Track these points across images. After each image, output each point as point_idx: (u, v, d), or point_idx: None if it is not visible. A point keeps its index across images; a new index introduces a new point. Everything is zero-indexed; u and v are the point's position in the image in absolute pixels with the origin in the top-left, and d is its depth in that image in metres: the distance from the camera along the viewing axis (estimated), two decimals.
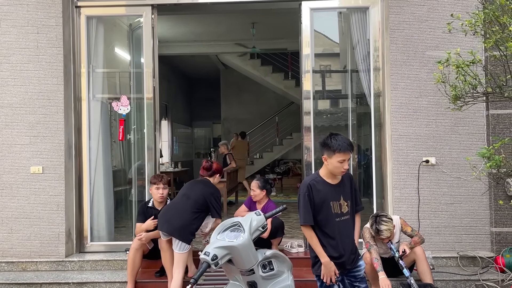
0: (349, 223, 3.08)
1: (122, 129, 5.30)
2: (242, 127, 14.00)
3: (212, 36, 10.50)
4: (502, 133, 4.70)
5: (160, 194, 4.60)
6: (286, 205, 2.94)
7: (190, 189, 4.41)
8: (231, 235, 2.61)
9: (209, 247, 2.54)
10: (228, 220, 2.73)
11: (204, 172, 4.52)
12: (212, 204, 4.28)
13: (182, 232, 4.16)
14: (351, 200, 3.08)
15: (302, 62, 5.24)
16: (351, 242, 3.08)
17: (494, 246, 4.70)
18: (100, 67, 5.57)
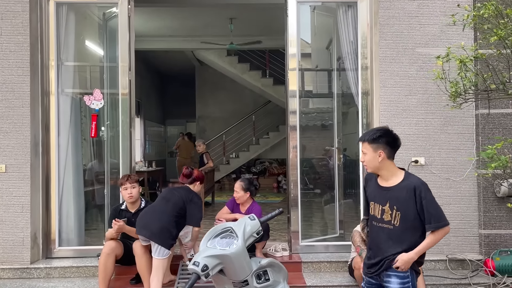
0: (394, 234, 2.71)
1: (95, 125, 4.93)
2: (218, 125, 13.71)
3: (188, 31, 10.16)
4: (491, 133, 4.61)
5: (129, 194, 4.28)
6: (282, 209, 2.68)
7: (170, 193, 4.24)
8: (223, 242, 2.35)
9: (198, 256, 2.26)
10: (219, 226, 2.46)
11: (184, 179, 4.40)
12: (190, 209, 4.12)
13: (161, 236, 3.89)
14: (405, 212, 2.69)
15: (288, 60, 5.00)
16: (389, 252, 2.72)
17: (482, 249, 4.60)
18: (71, 59, 5.17)
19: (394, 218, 2.71)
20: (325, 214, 5.71)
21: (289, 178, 4.97)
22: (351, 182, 5.59)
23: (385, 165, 2.76)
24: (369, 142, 2.79)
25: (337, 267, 4.66)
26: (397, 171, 2.80)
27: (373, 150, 2.76)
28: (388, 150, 2.75)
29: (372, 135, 2.81)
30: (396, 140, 2.82)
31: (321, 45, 5.62)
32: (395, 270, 2.69)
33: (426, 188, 2.69)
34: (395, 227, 2.71)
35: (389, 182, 2.77)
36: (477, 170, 4.58)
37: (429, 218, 2.64)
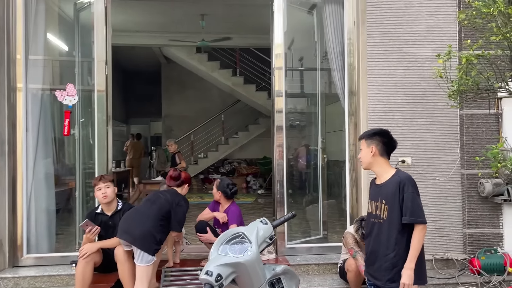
0: (383, 228, 2.83)
1: (68, 123, 4.59)
2: (185, 124, 13.38)
3: (157, 27, 9.81)
4: (475, 133, 4.65)
5: (103, 194, 3.99)
6: (295, 212, 2.52)
7: (156, 195, 4.00)
8: (235, 249, 2.16)
9: (210, 265, 2.06)
10: (229, 231, 2.27)
11: (172, 182, 4.17)
12: (176, 213, 3.88)
13: (145, 241, 3.62)
14: (392, 205, 2.79)
15: (274, 58, 4.85)
16: (381, 249, 2.82)
17: (467, 248, 4.64)
18: (41, 53, 4.79)
19: (383, 212, 2.84)
20: (307, 215, 5.61)
21: (275, 178, 4.82)
22: (331, 182, 5.52)
23: (377, 161, 2.91)
24: (365, 139, 2.99)
25: (325, 269, 4.56)
26: (389, 169, 2.94)
27: (367, 146, 2.94)
28: (380, 147, 2.91)
29: (368, 132, 3.02)
30: (391, 141, 2.97)
31: (306, 44, 5.50)
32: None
33: (410, 183, 2.81)
34: (384, 221, 2.85)
35: (381, 179, 2.92)
36: (463, 170, 4.63)
37: (405, 211, 2.76)
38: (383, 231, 2.84)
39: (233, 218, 4.44)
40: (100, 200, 4.02)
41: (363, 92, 4.70)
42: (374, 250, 2.90)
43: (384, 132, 2.98)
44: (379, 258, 2.84)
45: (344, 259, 4.15)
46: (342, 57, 4.92)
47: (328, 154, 5.38)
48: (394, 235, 2.79)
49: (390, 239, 2.79)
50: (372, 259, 2.91)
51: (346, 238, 3.98)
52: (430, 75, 4.68)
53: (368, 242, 3.00)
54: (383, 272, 2.81)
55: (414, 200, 2.76)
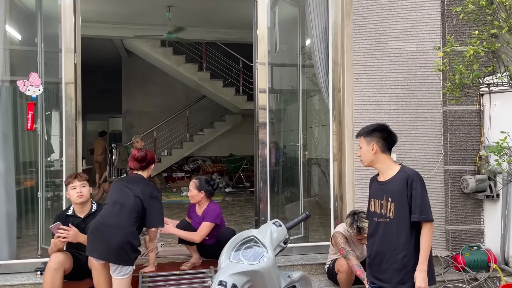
0: (390, 227, 2.68)
1: (31, 116, 4.15)
2: (147, 121, 12.88)
3: (119, 17, 9.32)
4: (458, 129, 4.64)
5: (79, 193, 3.66)
6: (309, 212, 2.32)
7: (123, 194, 3.41)
8: (249, 255, 1.95)
9: (223, 274, 1.83)
10: (239, 235, 2.04)
11: (136, 164, 3.60)
12: (152, 207, 3.42)
13: (121, 255, 3.23)
14: (399, 203, 2.65)
15: (257, 53, 4.61)
16: (388, 250, 2.66)
17: (449, 245, 4.63)
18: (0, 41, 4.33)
19: (389, 210, 2.71)
20: (287, 214, 5.43)
21: (258, 177, 4.60)
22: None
23: (379, 158, 2.79)
24: (364, 136, 2.85)
25: (311, 269, 4.39)
26: (393, 165, 2.82)
27: (367, 143, 2.81)
28: (381, 143, 2.79)
29: (366, 129, 2.87)
30: (391, 135, 2.85)
31: (286, 37, 5.31)
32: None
33: (419, 179, 2.70)
34: (390, 220, 2.71)
35: (385, 175, 2.80)
36: (444, 167, 4.62)
37: (414, 208, 2.64)
38: (390, 231, 2.70)
39: (211, 215, 4.18)
40: (74, 200, 3.66)
41: (348, 86, 4.58)
42: (380, 251, 2.75)
43: (383, 127, 2.85)
44: (387, 259, 2.70)
45: (333, 260, 4.01)
46: (326, 50, 4.77)
47: (310, 151, 5.24)
48: (403, 234, 2.65)
49: (399, 239, 2.66)
50: (377, 260, 2.76)
51: (336, 238, 3.84)
52: (414, 70, 4.65)
53: (371, 242, 2.85)
54: (391, 274, 2.66)
55: (423, 197, 2.65)
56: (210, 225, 4.15)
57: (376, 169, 2.86)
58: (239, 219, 7.20)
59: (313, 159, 5.55)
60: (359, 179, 4.53)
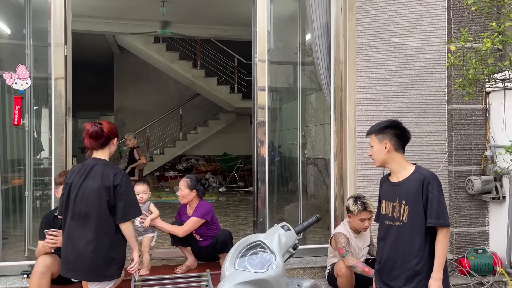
0: (403, 232, 2.52)
1: (19, 110, 3.94)
2: (139, 118, 12.63)
3: (112, 12, 9.08)
4: (463, 128, 4.50)
5: None
6: (319, 215, 2.15)
7: (82, 201, 2.78)
8: (255, 262, 1.77)
9: (228, 283, 1.65)
10: (245, 239, 1.86)
11: (93, 142, 2.87)
12: (121, 203, 2.78)
13: (99, 272, 2.80)
14: (413, 206, 2.48)
15: (257, 50, 4.43)
16: (401, 256, 2.49)
17: (454, 248, 4.48)
18: None
19: (403, 214, 2.55)
20: (285, 215, 5.26)
21: (256, 176, 4.42)
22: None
23: (392, 157, 2.64)
24: (375, 134, 2.68)
25: (311, 273, 4.23)
26: (407, 165, 2.65)
27: (379, 142, 2.65)
28: (395, 141, 2.62)
29: (378, 126, 2.69)
30: (404, 132, 2.67)
31: (287, 35, 5.14)
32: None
33: (435, 181, 2.53)
34: (403, 224, 2.54)
35: (399, 176, 2.63)
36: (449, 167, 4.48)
37: (430, 212, 2.47)
38: (404, 235, 2.53)
39: (200, 211, 4.01)
40: None
41: (351, 83, 4.41)
42: (391, 256, 2.58)
43: (396, 123, 2.68)
44: (399, 265, 2.53)
45: (332, 264, 3.84)
46: (327, 46, 4.59)
47: (309, 150, 5.08)
48: (417, 239, 2.48)
49: (413, 244, 2.49)
50: (388, 266, 2.59)
51: (338, 238, 3.67)
52: (419, 67, 4.50)
53: (381, 247, 2.68)
54: (404, 281, 2.50)
55: (440, 200, 2.48)
56: (198, 220, 3.96)
57: (389, 169, 2.69)
58: (234, 219, 7.02)
59: (312, 159, 5.39)
60: (361, 179, 4.37)
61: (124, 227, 2.81)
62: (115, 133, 2.97)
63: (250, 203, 8.93)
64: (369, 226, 3.69)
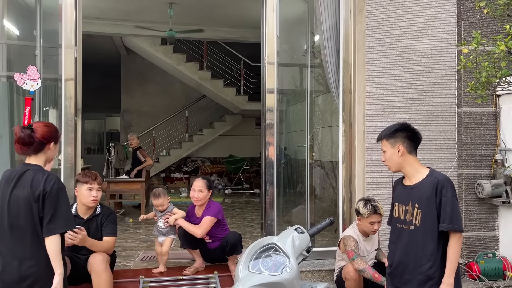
0: (416, 236, 2.49)
1: (29, 111, 3.91)
2: (145, 120, 12.66)
3: (120, 14, 9.12)
4: (473, 132, 4.47)
5: (94, 197, 3.46)
6: (333, 218, 2.14)
7: (11, 208, 2.46)
8: (269, 264, 1.76)
9: (241, 285, 1.64)
10: (258, 242, 1.85)
11: (23, 148, 2.52)
12: (51, 209, 2.43)
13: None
14: (426, 210, 2.45)
15: (265, 52, 4.42)
16: (413, 260, 2.47)
17: (464, 252, 4.45)
18: None
19: (415, 217, 2.52)
20: (293, 218, 5.24)
21: (264, 179, 4.41)
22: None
23: (406, 160, 2.60)
24: (386, 138, 2.65)
25: (319, 276, 4.21)
26: (421, 168, 2.61)
27: (391, 146, 2.61)
28: (407, 143, 2.59)
29: (388, 130, 2.66)
30: (415, 133, 2.64)
31: (295, 37, 5.14)
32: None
33: (449, 185, 2.49)
34: (416, 228, 2.51)
35: (413, 179, 2.60)
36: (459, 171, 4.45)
37: (444, 217, 2.44)
38: (416, 239, 2.51)
39: (212, 210, 4.00)
40: (85, 202, 3.47)
41: (360, 86, 4.40)
42: (403, 260, 2.56)
43: (406, 125, 2.65)
44: (411, 269, 2.51)
45: (341, 267, 3.82)
46: (336, 48, 4.59)
47: (317, 152, 5.06)
48: (430, 244, 2.46)
49: (425, 249, 2.46)
50: (400, 270, 2.57)
51: (347, 241, 3.64)
52: (428, 70, 4.48)
53: (393, 250, 2.66)
54: (415, 286, 2.48)
55: (454, 205, 2.45)
56: (212, 219, 3.95)
57: (404, 173, 2.65)
58: (240, 221, 7.01)
59: (320, 161, 5.37)
60: (370, 182, 4.35)
61: (49, 242, 2.40)
62: (50, 137, 2.59)
63: (256, 205, 8.93)
64: (378, 229, 3.67)
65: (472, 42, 2.98)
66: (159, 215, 3.99)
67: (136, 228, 6.33)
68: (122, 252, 4.83)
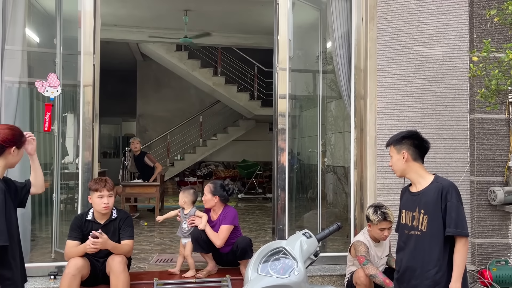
0: (422, 241, 2.54)
1: (49, 117, 4.08)
2: (160, 125, 12.85)
3: (137, 21, 9.31)
4: (485, 138, 4.47)
5: (105, 204, 3.55)
6: (340, 223, 2.20)
7: None
8: (277, 268, 1.83)
9: (251, 286, 1.70)
10: (267, 246, 1.92)
11: None
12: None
13: None
14: (432, 215, 2.50)
15: (278, 58, 4.48)
16: (420, 265, 2.52)
17: (476, 259, 4.44)
18: (18, 43, 4.29)
19: (422, 223, 2.57)
20: (304, 223, 5.29)
21: (276, 183, 4.47)
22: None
23: (411, 167, 2.67)
24: (393, 144, 2.74)
25: (330, 281, 4.24)
26: (426, 175, 2.68)
27: (397, 152, 2.70)
28: (412, 151, 2.67)
29: (396, 137, 2.76)
30: (422, 142, 2.71)
31: (307, 43, 5.20)
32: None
33: (454, 190, 2.55)
34: (422, 233, 2.56)
35: (418, 186, 2.67)
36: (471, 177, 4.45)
37: (449, 222, 2.49)
38: (422, 245, 2.55)
39: (228, 218, 4.08)
40: (98, 209, 3.57)
41: (371, 92, 4.44)
42: (410, 265, 2.60)
43: (413, 133, 2.72)
44: (418, 275, 2.54)
45: (351, 272, 3.85)
46: (348, 55, 4.63)
47: (329, 158, 5.10)
48: (436, 249, 2.50)
49: (432, 254, 2.51)
50: (407, 275, 2.61)
51: (358, 246, 3.68)
52: (440, 77, 4.50)
53: (401, 256, 2.70)
54: None
55: (459, 210, 2.49)
56: (229, 227, 4.04)
57: (409, 179, 2.72)
58: (253, 226, 7.07)
59: (331, 166, 5.41)
60: (381, 188, 4.38)
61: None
62: (12, 140, 2.52)
63: (268, 209, 8.99)
64: (388, 235, 3.70)
65: (482, 50, 3.01)
66: (184, 217, 4.11)
67: (150, 231, 6.43)
68: (136, 254, 4.93)
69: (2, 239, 2.35)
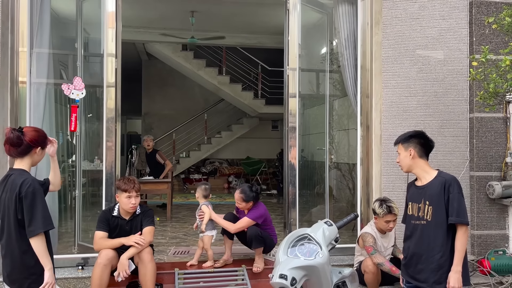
0: (427, 229, 2.82)
1: (75, 118, 4.35)
2: (166, 123, 13.09)
3: (144, 22, 9.54)
4: (484, 136, 4.75)
5: (133, 205, 3.80)
6: (357, 213, 2.47)
7: (3, 211, 2.68)
8: (304, 251, 2.09)
9: (283, 268, 1.98)
10: (294, 232, 2.19)
11: (12, 149, 2.70)
12: (28, 213, 2.57)
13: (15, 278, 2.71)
14: (436, 206, 2.78)
15: (288, 59, 4.74)
16: (426, 251, 2.80)
17: (475, 249, 4.73)
18: (45, 46, 4.53)
19: (427, 213, 2.84)
20: (313, 217, 5.56)
21: (287, 180, 4.75)
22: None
23: (417, 163, 2.93)
24: (402, 143, 3.01)
25: None
26: (430, 170, 2.95)
27: (405, 149, 2.97)
28: (418, 149, 2.94)
29: (404, 136, 3.03)
30: (428, 141, 2.98)
31: (314, 44, 5.47)
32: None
33: (456, 183, 2.83)
34: (428, 222, 2.84)
35: (423, 180, 2.92)
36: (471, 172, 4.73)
37: (451, 211, 2.76)
38: (428, 233, 2.83)
39: (253, 214, 4.23)
40: (126, 208, 3.82)
41: (377, 93, 4.71)
42: (416, 252, 2.88)
43: (420, 133, 3.00)
44: (424, 259, 2.82)
45: (359, 261, 4.13)
46: (354, 57, 4.91)
47: (336, 155, 5.37)
48: (440, 235, 2.78)
49: (436, 240, 2.78)
50: (414, 261, 2.89)
51: (365, 237, 3.96)
52: (442, 78, 4.77)
53: (408, 245, 2.98)
54: (428, 274, 2.79)
55: (460, 200, 2.78)
56: (250, 221, 4.21)
57: (414, 174, 2.99)
58: None
59: (337, 163, 5.69)
60: (386, 183, 4.65)
61: (33, 243, 2.58)
62: (38, 141, 2.74)
63: (273, 205, 9.24)
64: (393, 227, 3.97)
65: (481, 56, 3.28)
66: (197, 213, 4.38)
67: (163, 226, 6.70)
68: (154, 247, 5.19)
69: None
